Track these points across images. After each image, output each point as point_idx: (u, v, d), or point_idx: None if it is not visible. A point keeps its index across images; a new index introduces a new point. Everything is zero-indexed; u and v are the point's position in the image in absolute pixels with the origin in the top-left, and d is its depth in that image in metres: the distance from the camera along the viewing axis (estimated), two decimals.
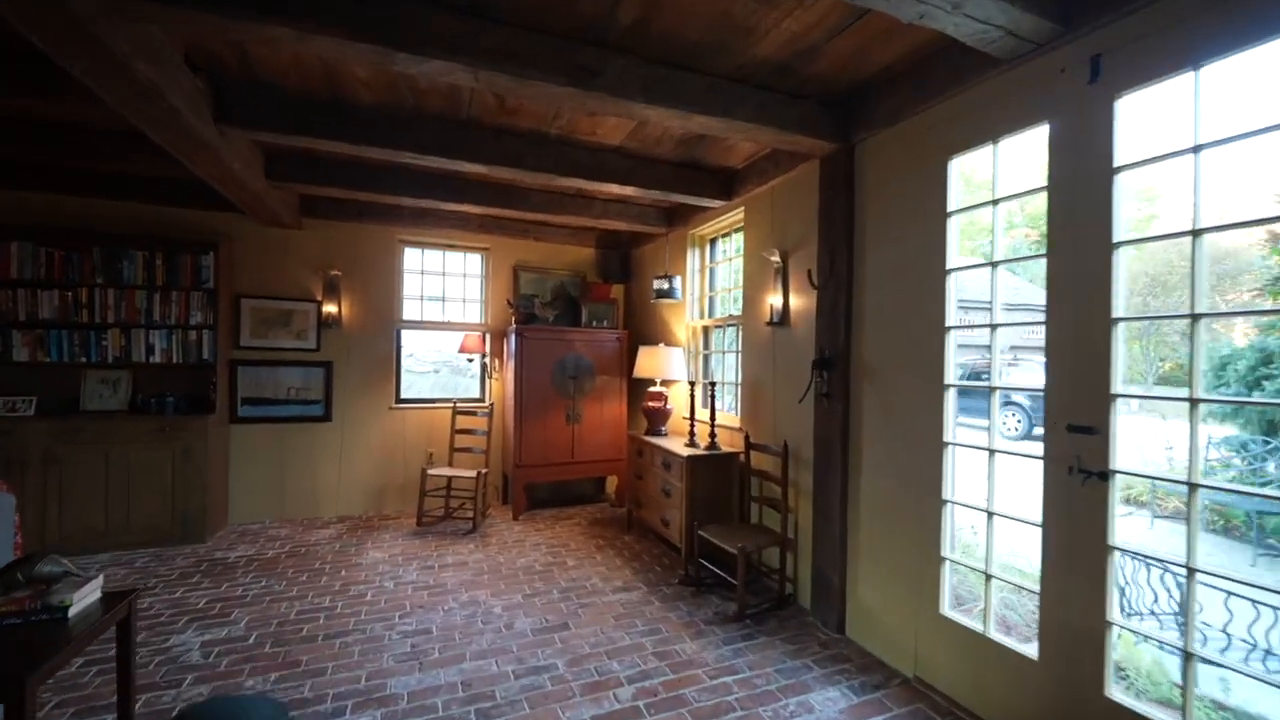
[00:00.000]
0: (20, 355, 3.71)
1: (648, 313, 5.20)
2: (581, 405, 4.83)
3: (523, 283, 5.23)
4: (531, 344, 4.66)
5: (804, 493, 3.10)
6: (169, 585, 3.24)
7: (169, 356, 4.00)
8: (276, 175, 3.55)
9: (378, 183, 3.79)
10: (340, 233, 4.65)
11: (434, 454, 4.93)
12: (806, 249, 3.13)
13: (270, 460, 4.47)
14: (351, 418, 4.69)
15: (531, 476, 4.66)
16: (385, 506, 4.81)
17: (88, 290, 3.82)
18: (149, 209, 4.13)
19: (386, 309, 4.80)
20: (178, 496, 3.86)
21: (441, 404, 4.98)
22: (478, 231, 5.02)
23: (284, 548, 3.88)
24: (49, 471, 3.58)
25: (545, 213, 4.28)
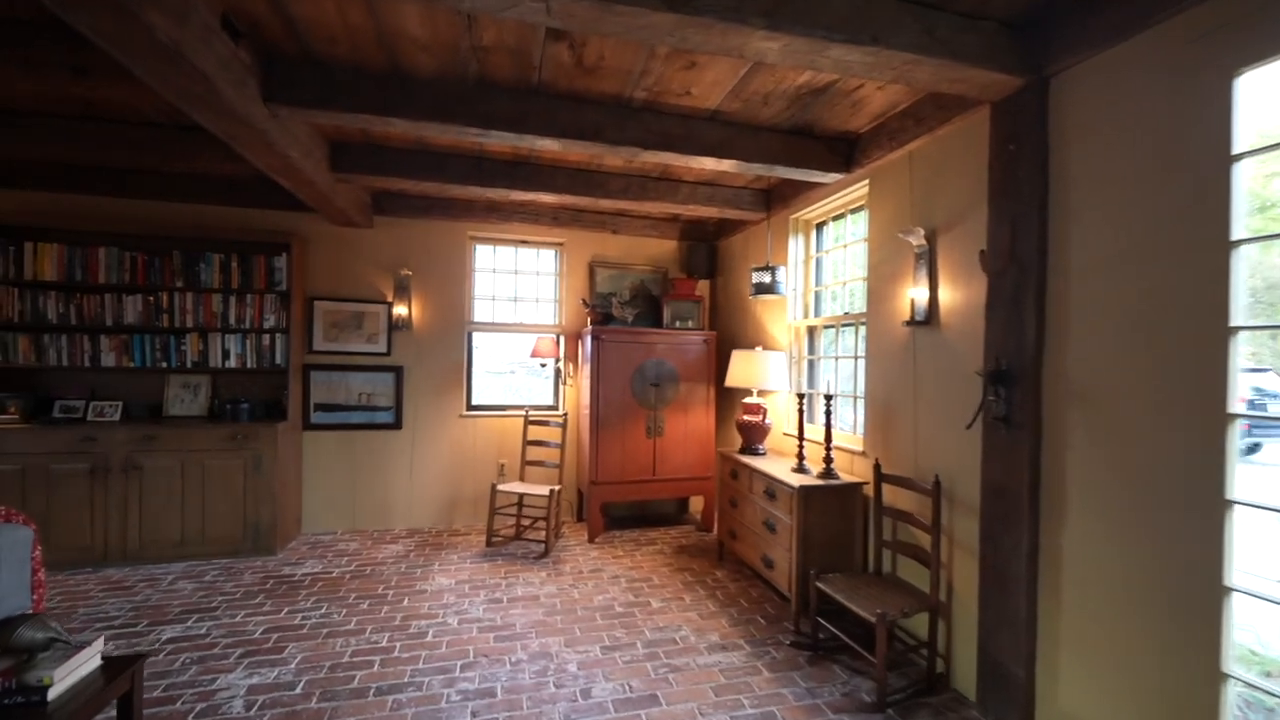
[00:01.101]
0: (108, 360, 3.70)
1: (739, 312, 4.58)
2: (664, 416, 4.30)
3: (599, 280, 4.78)
4: (609, 347, 4.18)
5: (963, 546, 2.38)
6: (231, 605, 3.04)
7: (243, 361, 3.89)
8: (342, 166, 3.28)
9: (444, 170, 3.44)
10: (410, 230, 4.40)
11: (505, 465, 4.58)
12: (966, 225, 2.40)
13: (342, 469, 4.30)
14: (422, 425, 4.44)
15: (609, 495, 4.18)
16: (455, 520, 4.52)
17: (168, 294, 3.77)
18: (225, 211, 4.06)
19: (457, 310, 4.51)
20: (248, 507, 3.72)
21: (513, 412, 4.62)
22: (551, 225, 4.62)
23: (350, 565, 3.64)
24: (129, 478, 3.53)
25: (625, 199, 3.77)
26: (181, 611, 2.96)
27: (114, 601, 3.06)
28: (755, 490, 3.30)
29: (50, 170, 3.72)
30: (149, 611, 2.96)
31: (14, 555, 1.68)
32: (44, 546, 3.42)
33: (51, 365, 3.62)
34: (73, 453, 3.45)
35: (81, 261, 3.63)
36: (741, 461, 3.49)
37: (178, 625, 2.82)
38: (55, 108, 2.86)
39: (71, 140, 2.98)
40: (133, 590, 3.21)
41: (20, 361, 3.58)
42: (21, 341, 3.58)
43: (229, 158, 3.16)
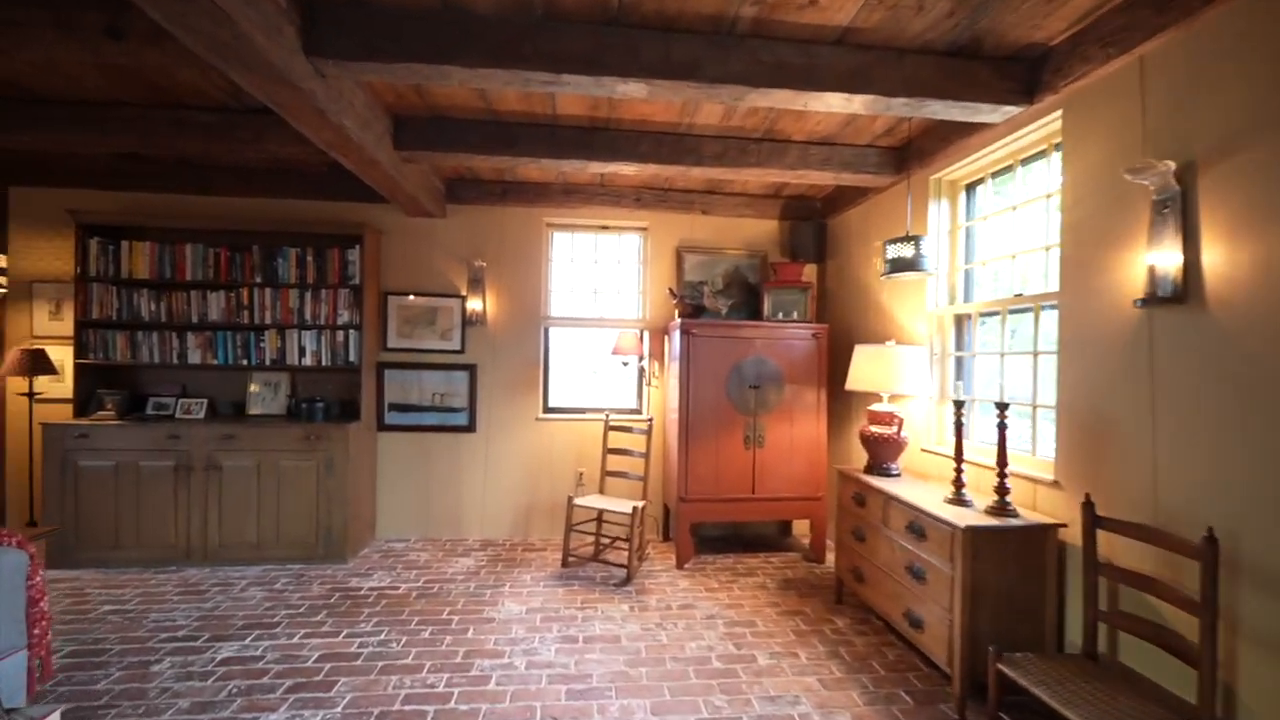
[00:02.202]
0: (194, 357, 3.68)
1: (857, 299, 3.82)
2: (764, 424, 3.64)
3: (688, 267, 4.21)
4: (700, 343, 3.60)
5: (1262, 641, 1.55)
6: (292, 623, 2.80)
7: (318, 359, 3.74)
8: (405, 143, 2.98)
9: (513, 143, 3.03)
10: (485, 218, 4.08)
11: (584, 474, 4.13)
12: (1255, 152, 1.57)
13: (416, 473, 4.06)
14: (496, 428, 4.10)
15: (700, 514, 3.60)
16: (530, 532, 4.14)
17: (248, 290, 3.69)
18: (301, 204, 3.96)
19: (533, 304, 4.13)
20: (321, 511, 3.54)
21: (592, 415, 4.18)
22: (633, 207, 4.12)
23: (418, 580, 3.34)
24: (209, 478, 3.46)
25: (720, 167, 3.17)
26: (244, 626, 2.76)
27: (185, 608, 2.93)
28: (893, 523, 2.57)
29: (144, 170, 3.77)
30: (214, 623, 2.79)
31: (7, 583, 1.39)
32: (133, 544, 3.42)
33: (145, 363, 3.65)
34: (160, 450, 3.43)
35: (170, 259, 3.63)
36: (870, 484, 2.77)
37: (236, 643, 2.60)
38: (124, 95, 2.77)
39: (144, 130, 2.89)
40: (205, 595, 3.08)
41: (118, 359, 3.63)
42: (119, 339, 3.63)
43: (293, 139, 2.95)
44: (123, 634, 2.67)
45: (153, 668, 2.40)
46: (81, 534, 3.39)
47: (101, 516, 3.40)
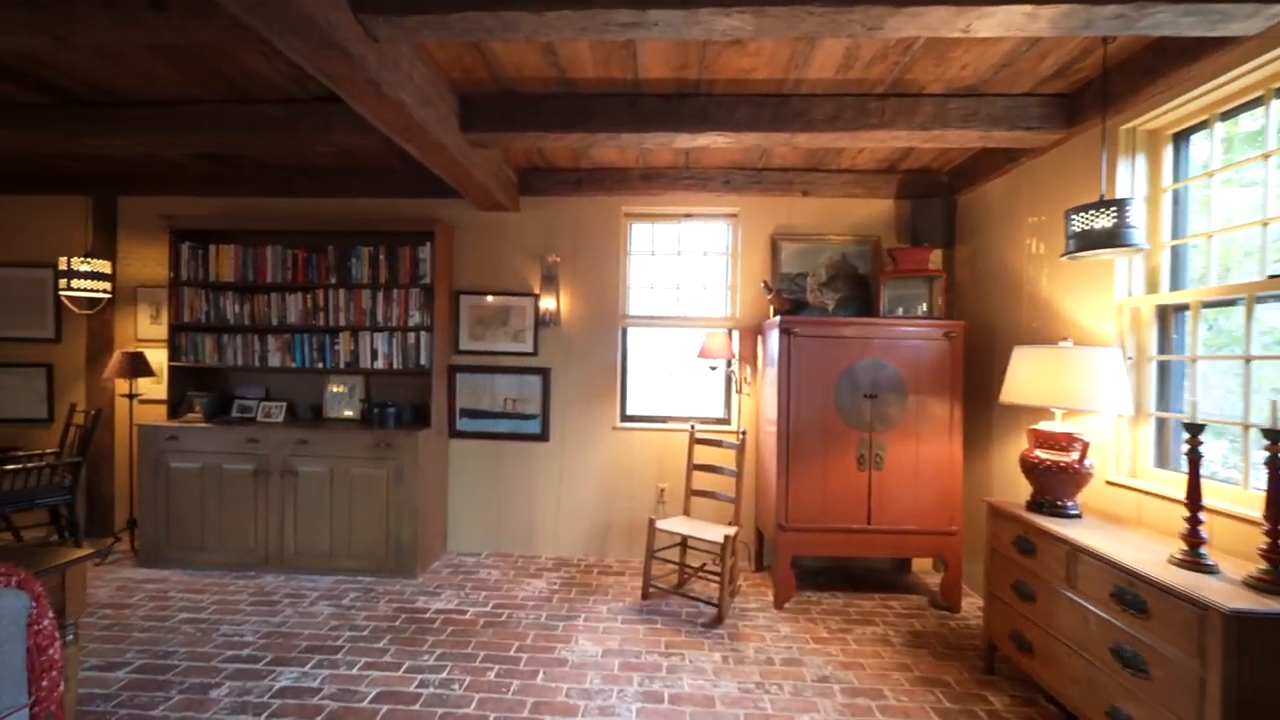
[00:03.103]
0: (274, 360, 3.64)
1: (1004, 290, 3.12)
2: (883, 442, 3.04)
3: (784, 257, 3.67)
4: (803, 344, 3.06)
5: None
6: (355, 648, 2.58)
7: (390, 362, 3.58)
8: (473, 124, 2.70)
9: (589, 117, 2.67)
10: (559, 210, 3.77)
11: (665, 491, 3.71)
12: None
13: (487, 483, 3.82)
14: (571, 437, 3.77)
15: (803, 546, 3.06)
16: (607, 552, 3.77)
17: (324, 292, 3.60)
18: (375, 202, 3.84)
19: (610, 302, 3.76)
20: (390, 522, 3.36)
21: (675, 425, 3.74)
22: (722, 191, 3.64)
23: (487, 604, 3.06)
24: (285, 483, 3.38)
25: (834, 131, 2.62)
26: (306, 649, 2.58)
27: (254, 622, 2.81)
28: (1084, 584, 1.92)
29: (232, 174, 3.80)
30: (278, 642, 2.63)
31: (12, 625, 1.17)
32: (216, 547, 3.40)
33: (231, 365, 3.66)
34: (240, 453, 3.40)
35: (253, 261, 3.61)
36: (1042, 528, 2.12)
37: (295, 669, 2.41)
38: (200, 92, 2.69)
39: (218, 127, 2.81)
40: (276, 607, 2.96)
41: (207, 361, 3.66)
42: (207, 341, 3.66)
43: (359, 127, 2.76)
44: (191, 648, 2.56)
45: (211, 693, 2.24)
46: (172, 534, 3.42)
47: (189, 518, 3.42)
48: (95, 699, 2.19)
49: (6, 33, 1.88)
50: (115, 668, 2.41)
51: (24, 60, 2.43)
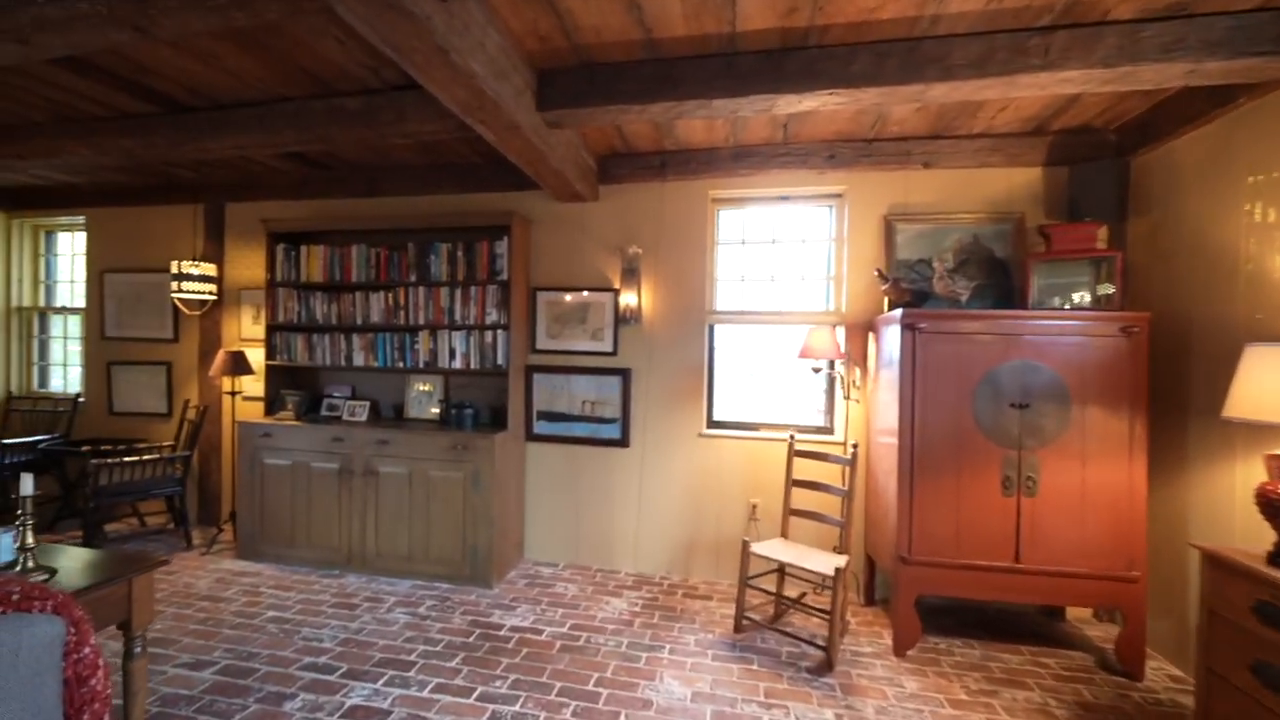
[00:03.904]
0: (358, 359, 3.64)
1: (1206, 274, 2.44)
2: (1037, 461, 2.47)
3: (900, 241, 3.15)
4: (931, 343, 2.56)
5: None
6: (427, 665, 2.43)
7: (468, 361, 3.46)
8: (550, 100, 2.46)
9: (676, 83, 2.34)
10: (641, 197, 3.48)
11: (758, 508, 3.31)
12: None
13: (565, 490, 3.61)
14: (652, 444, 3.47)
15: (930, 583, 2.55)
16: (691, 571, 3.43)
17: (404, 290, 3.55)
18: (453, 198, 3.76)
19: (696, 296, 3.42)
20: (467, 528, 3.23)
21: (770, 433, 3.33)
22: (825, 168, 3.19)
23: (564, 623, 2.82)
24: (367, 483, 3.34)
25: (982, 78, 2.12)
26: (380, 661, 2.46)
27: (333, 626, 2.75)
28: None
29: (323, 176, 3.86)
30: (353, 651, 2.53)
31: (27, 667, 1.03)
32: (304, 544, 3.43)
33: (320, 364, 3.70)
34: (327, 452, 3.40)
35: (339, 261, 3.63)
36: None
37: (368, 685, 2.28)
38: (284, 89, 2.66)
39: (302, 123, 2.79)
40: (355, 612, 2.90)
41: (299, 360, 3.73)
42: (299, 341, 3.72)
43: (433, 115, 2.62)
44: (274, 650, 2.52)
45: (285, 705, 2.15)
46: (266, 529, 3.50)
47: (280, 514, 3.48)
48: (177, 701, 2.17)
49: (92, 27, 1.86)
50: (202, 666, 2.40)
51: (130, 67, 2.50)
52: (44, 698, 1.09)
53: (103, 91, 2.73)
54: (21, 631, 1.06)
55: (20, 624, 1.06)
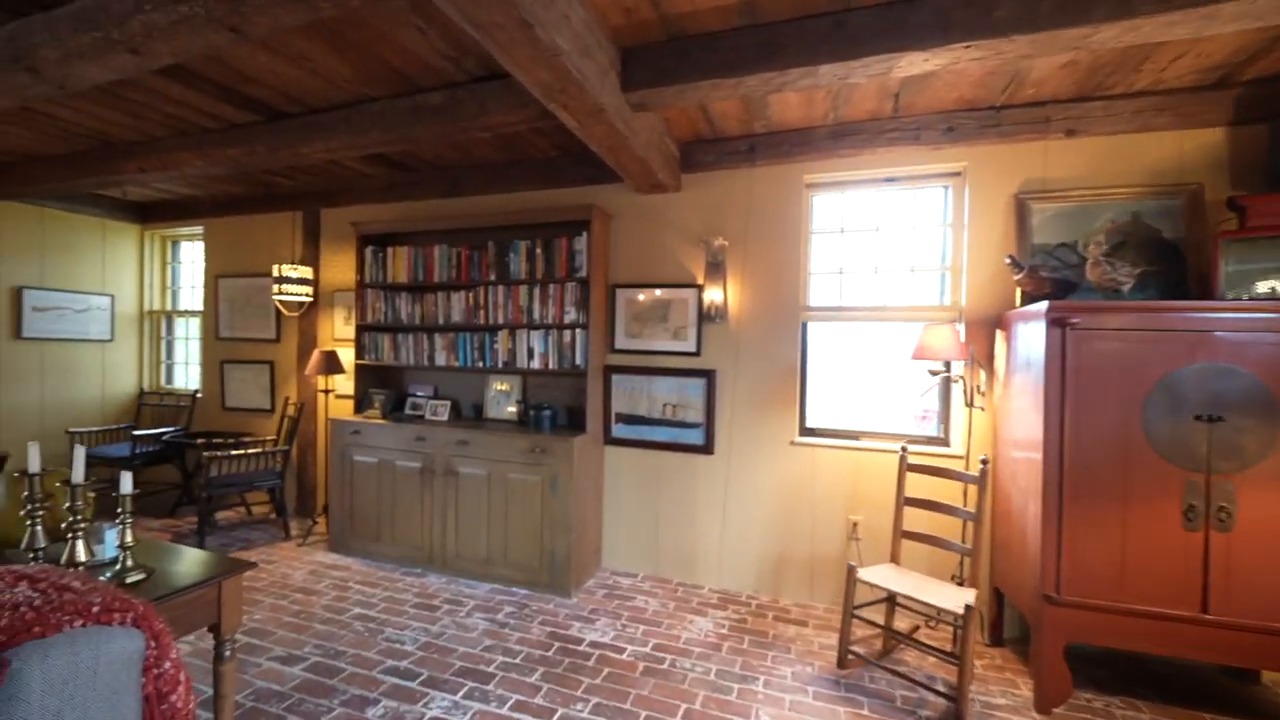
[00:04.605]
0: (440, 359, 3.65)
1: None
2: (1231, 489, 1.99)
3: (1037, 224, 2.70)
4: (1085, 340, 2.13)
5: None
6: (505, 680, 2.32)
7: (546, 361, 3.36)
8: (636, 80, 2.28)
9: (775, 52, 2.08)
10: (727, 186, 3.24)
11: (860, 526, 2.97)
12: None
13: (644, 496, 3.43)
14: (739, 451, 3.22)
15: (1084, 629, 2.13)
16: (781, 590, 3.14)
17: (484, 290, 3.51)
18: (533, 195, 3.68)
19: (789, 291, 3.13)
20: (545, 533, 3.13)
21: (873, 443, 2.98)
22: (941, 143, 2.80)
23: (646, 642, 2.64)
24: (448, 484, 3.33)
25: (1169, 10, 1.70)
26: (460, 671, 2.38)
27: (414, 628, 2.72)
28: None
29: (408, 179, 3.92)
30: (433, 657, 2.48)
31: (106, 684, 0.96)
32: (389, 541, 3.47)
33: (405, 364, 3.75)
34: (409, 451, 3.43)
35: (422, 262, 3.66)
36: None
37: (447, 697, 2.20)
38: (370, 89, 2.66)
39: (387, 123, 2.78)
40: (435, 614, 2.87)
41: (385, 360, 3.80)
42: (385, 341, 3.79)
43: (513, 104, 2.52)
44: (359, 650, 2.52)
45: (367, 711, 2.11)
46: (354, 524, 3.58)
47: (368, 510, 3.54)
48: (269, 697, 2.18)
49: (193, 29, 1.88)
50: (294, 661, 2.43)
51: (233, 75, 2.58)
52: (123, 715, 1.02)
53: (209, 103, 2.85)
54: (100, 646, 1.00)
55: (100, 638, 1.00)
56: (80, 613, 1.01)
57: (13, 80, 2.26)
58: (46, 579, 1.09)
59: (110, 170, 3.52)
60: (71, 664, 0.96)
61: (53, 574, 1.12)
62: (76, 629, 0.98)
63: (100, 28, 1.96)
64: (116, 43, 1.98)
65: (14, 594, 1.03)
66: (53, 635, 0.96)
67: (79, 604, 1.03)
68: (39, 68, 2.18)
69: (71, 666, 0.96)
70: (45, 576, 1.11)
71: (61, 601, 1.02)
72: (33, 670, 0.93)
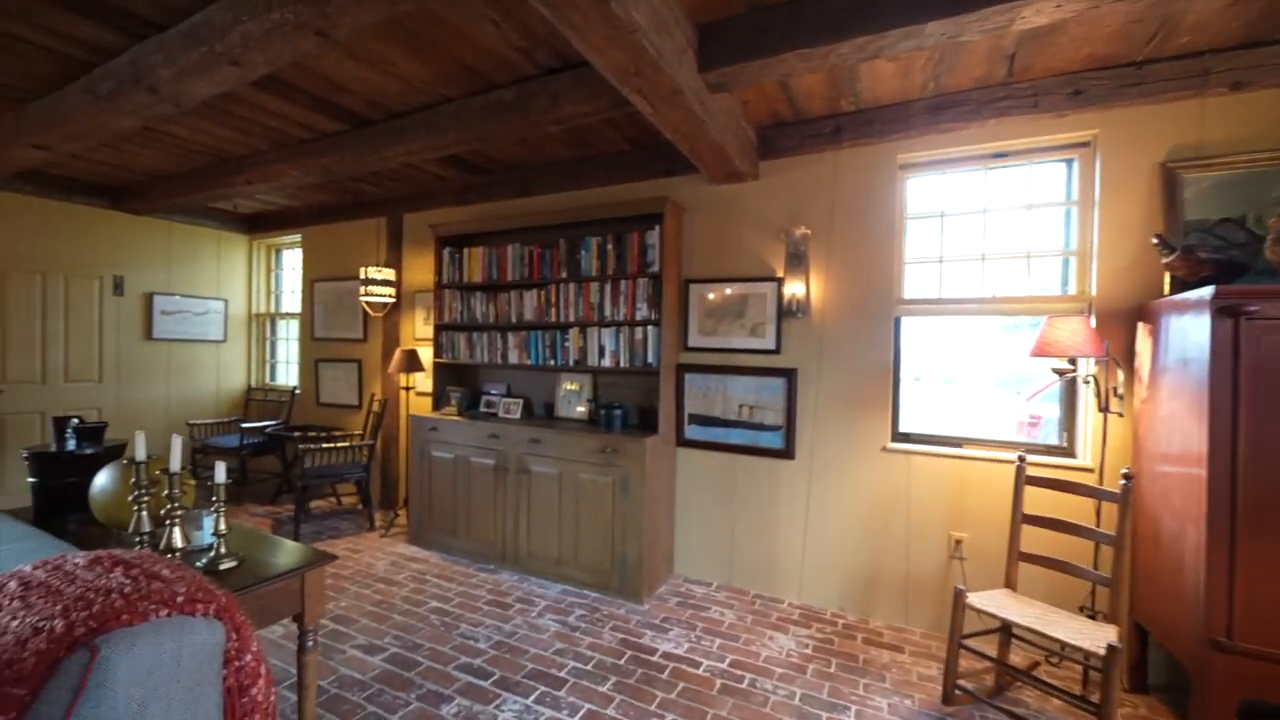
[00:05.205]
0: (513, 357, 3.67)
1: None
2: None
3: (1189, 197, 2.29)
4: (1267, 333, 1.76)
5: None
6: (578, 686, 2.25)
7: (617, 359, 3.29)
8: (715, 59, 2.14)
9: (872, 12, 1.87)
10: (809, 171, 3.02)
11: (964, 544, 2.66)
12: None
13: (719, 501, 3.27)
14: (822, 456, 2.99)
15: (1265, 683, 1.75)
16: (872, 611, 2.87)
17: (555, 288, 3.49)
18: (605, 190, 3.61)
19: (880, 283, 2.87)
20: (616, 536, 3.04)
21: (981, 451, 2.66)
22: (1067, 109, 2.45)
23: (723, 658, 2.48)
24: (520, 481, 3.33)
25: None
26: (531, 673, 2.34)
27: (488, 625, 2.72)
28: None
29: (483, 182, 3.99)
30: (505, 657, 2.45)
31: (188, 675, 0.95)
32: (465, 536, 3.52)
33: (479, 362, 3.81)
34: (484, 448, 3.46)
35: (496, 261, 3.70)
36: None
37: (519, 699, 2.16)
38: (446, 89, 2.68)
39: (462, 122, 2.81)
40: (508, 612, 2.85)
41: (461, 358, 3.88)
42: (461, 339, 3.87)
43: (585, 95, 2.45)
44: (434, 645, 2.54)
45: (442, 708, 2.10)
46: (433, 518, 3.67)
47: (444, 505, 3.62)
48: (351, 685, 2.23)
49: (284, 37, 1.95)
50: (375, 651, 2.48)
51: (323, 85, 2.69)
52: (204, 708, 1.02)
53: (303, 113, 3.00)
54: (184, 637, 0.99)
55: (183, 629, 1.00)
56: (166, 602, 1.01)
57: (136, 100, 2.46)
58: (140, 566, 1.11)
59: (223, 184, 3.83)
60: (156, 654, 0.96)
61: (146, 561, 1.14)
62: (162, 618, 0.98)
63: (205, 42, 2.08)
64: (219, 55, 2.09)
65: (109, 579, 1.05)
66: (139, 624, 0.96)
67: (165, 593, 1.03)
68: (157, 87, 2.36)
69: (156, 656, 0.96)
70: (139, 563, 1.13)
71: (150, 590, 1.03)
72: (120, 658, 0.93)
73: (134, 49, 2.35)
